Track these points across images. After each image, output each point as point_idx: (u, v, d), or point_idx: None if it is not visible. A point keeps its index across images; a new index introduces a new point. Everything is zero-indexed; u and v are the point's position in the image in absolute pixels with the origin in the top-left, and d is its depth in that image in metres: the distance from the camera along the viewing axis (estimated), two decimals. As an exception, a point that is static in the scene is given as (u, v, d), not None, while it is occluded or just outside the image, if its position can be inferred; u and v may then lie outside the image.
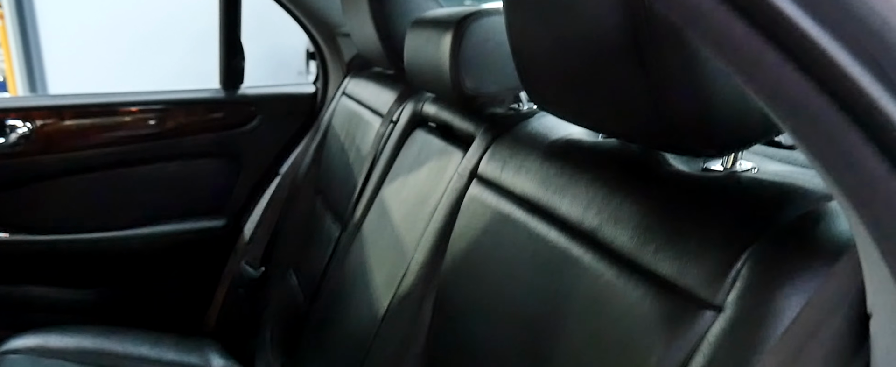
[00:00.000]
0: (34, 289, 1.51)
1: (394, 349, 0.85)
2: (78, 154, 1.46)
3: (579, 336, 0.55)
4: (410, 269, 0.86)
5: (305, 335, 1.21)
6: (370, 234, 1.07)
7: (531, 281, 0.63)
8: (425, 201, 0.91)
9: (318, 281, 1.22)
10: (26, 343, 1.31)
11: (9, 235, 1.43)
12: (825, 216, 0.43)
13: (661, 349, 0.46)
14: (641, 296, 0.50)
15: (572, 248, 0.59)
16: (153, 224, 1.54)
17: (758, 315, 0.41)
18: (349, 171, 1.27)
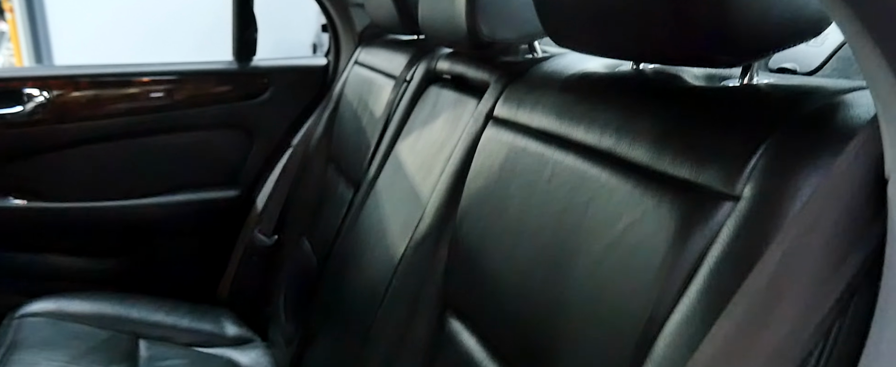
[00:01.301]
0: (50, 257, 1.53)
1: (410, 293, 0.86)
2: (93, 123, 1.48)
3: (595, 251, 0.56)
4: (426, 213, 0.87)
5: (319, 296, 1.23)
6: (384, 189, 1.08)
7: (547, 207, 0.64)
8: (441, 150, 0.92)
9: (330, 243, 1.23)
10: (45, 307, 1.33)
11: (26, 202, 1.45)
12: (841, 106, 0.44)
13: (678, 245, 0.47)
14: (657, 202, 0.51)
15: (588, 169, 0.60)
16: (167, 194, 1.56)
17: (775, 198, 0.42)
18: (362, 135, 1.29)
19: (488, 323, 0.71)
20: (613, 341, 0.50)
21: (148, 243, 1.58)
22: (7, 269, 1.50)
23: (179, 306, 1.47)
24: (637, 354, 0.47)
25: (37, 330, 1.27)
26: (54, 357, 1.20)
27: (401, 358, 0.84)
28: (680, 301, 0.45)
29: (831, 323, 0.37)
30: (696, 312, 0.43)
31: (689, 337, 0.42)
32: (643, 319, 0.48)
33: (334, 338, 1.06)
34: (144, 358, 1.31)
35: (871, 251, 0.37)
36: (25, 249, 1.50)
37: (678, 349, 0.43)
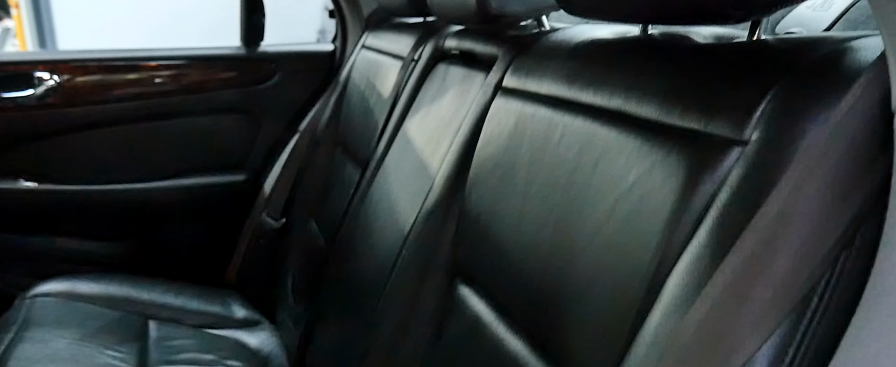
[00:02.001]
0: (60, 240, 1.55)
1: (419, 263, 0.87)
2: (103, 107, 1.50)
3: (604, 206, 0.57)
4: (435, 185, 0.88)
5: (327, 275, 1.23)
6: (393, 166, 1.09)
7: (556, 168, 0.65)
8: (449, 123, 0.93)
9: (338, 223, 1.24)
10: (56, 288, 1.35)
11: (37, 184, 1.47)
12: (848, 51, 0.45)
13: (688, 191, 0.48)
14: (666, 153, 0.52)
15: (598, 130, 0.61)
16: (175, 178, 1.57)
17: (782, 139, 0.43)
18: (370, 116, 1.30)
19: (497, 285, 0.72)
20: (623, 288, 0.51)
21: (156, 227, 1.60)
22: (17, 251, 1.51)
23: (188, 288, 1.49)
24: (647, 297, 0.48)
25: (49, 310, 1.29)
26: (66, 335, 1.22)
27: (411, 327, 0.85)
28: (690, 243, 0.46)
29: (838, 253, 0.38)
30: (705, 251, 0.44)
31: (698, 275, 0.43)
32: (653, 264, 0.48)
33: (343, 314, 1.07)
34: (154, 338, 1.32)
35: (877, 184, 0.38)
36: (35, 231, 1.52)
37: (688, 288, 0.44)
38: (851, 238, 0.38)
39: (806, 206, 0.39)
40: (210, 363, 1.28)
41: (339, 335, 1.05)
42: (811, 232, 0.39)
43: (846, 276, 0.38)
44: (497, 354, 0.68)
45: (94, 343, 1.22)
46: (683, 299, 0.44)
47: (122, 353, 1.23)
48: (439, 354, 0.79)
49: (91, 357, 1.18)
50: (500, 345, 0.68)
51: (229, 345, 1.37)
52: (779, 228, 0.39)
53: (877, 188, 0.38)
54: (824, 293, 0.38)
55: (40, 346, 1.16)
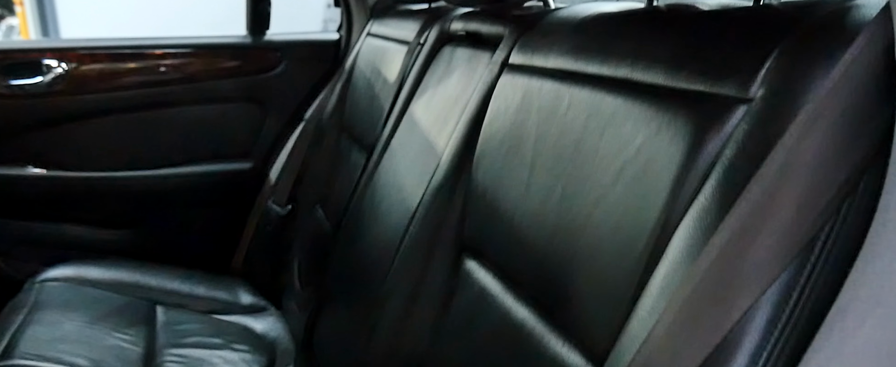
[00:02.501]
0: (67, 227, 1.56)
1: (426, 241, 0.88)
2: (110, 95, 1.51)
3: (611, 171, 0.57)
4: (442, 163, 0.89)
5: (333, 258, 1.24)
6: (399, 148, 1.10)
7: (563, 138, 0.66)
8: (455, 103, 0.94)
9: (344, 207, 1.25)
10: (64, 273, 1.36)
11: (45, 171, 1.48)
12: (852, 8, 0.46)
13: (694, 151, 0.49)
14: (672, 116, 0.52)
15: (604, 98, 0.62)
16: (182, 165, 1.58)
17: (787, 94, 0.44)
18: (375, 101, 1.30)
19: (504, 258, 0.73)
20: (629, 248, 0.52)
21: (163, 215, 1.61)
22: (26, 237, 1.53)
23: (195, 275, 1.50)
24: (653, 254, 0.49)
25: (58, 294, 1.30)
26: (75, 318, 1.23)
27: (418, 302, 0.86)
28: (696, 199, 0.47)
29: (841, 201, 0.39)
30: (711, 205, 0.45)
31: (704, 228, 0.44)
32: (659, 223, 0.49)
33: (350, 294, 1.08)
34: (162, 322, 1.34)
35: (880, 133, 0.39)
36: (44, 218, 1.53)
37: (693, 241, 0.45)
38: (855, 186, 0.39)
39: (809, 156, 0.40)
40: (217, 347, 1.29)
41: (346, 315, 1.06)
42: (815, 181, 0.39)
43: (849, 223, 0.38)
44: (504, 323, 0.69)
45: (102, 326, 1.23)
46: (689, 252, 0.45)
47: (131, 336, 1.24)
48: (447, 327, 0.80)
49: (100, 339, 1.19)
50: (507, 314, 0.69)
51: (236, 330, 1.38)
52: (783, 178, 0.40)
53: (880, 137, 0.39)
54: (827, 240, 0.38)
55: (50, 328, 1.17)
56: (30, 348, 1.09)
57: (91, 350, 1.14)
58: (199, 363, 1.23)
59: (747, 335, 0.38)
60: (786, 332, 0.38)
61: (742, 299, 0.39)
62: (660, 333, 0.43)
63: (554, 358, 0.60)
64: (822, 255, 0.38)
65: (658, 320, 0.44)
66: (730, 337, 0.39)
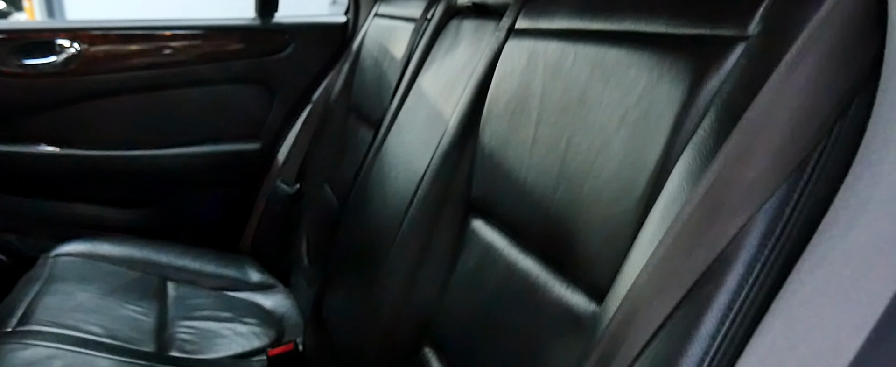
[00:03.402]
0: (79, 206, 1.59)
1: (434, 203, 0.90)
2: (121, 76, 1.54)
3: (614, 117, 0.59)
4: (449, 128, 0.91)
5: (340, 231, 1.26)
6: (406, 119, 1.12)
7: (567, 92, 0.68)
8: (462, 71, 0.96)
9: (352, 181, 1.27)
10: (77, 249, 1.39)
11: (58, 149, 1.51)
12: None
13: (694, 90, 0.51)
14: (674, 60, 0.54)
15: (608, 51, 0.64)
16: (192, 145, 1.61)
17: (783, 27, 0.45)
18: (383, 78, 1.33)
19: (510, 213, 0.75)
20: (630, 186, 0.54)
21: (173, 194, 1.63)
22: (39, 216, 1.55)
23: (204, 253, 1.53)
24: (654, 189, 0.51)
25: (72, 268, 1.33)
26: (89, 290, 1.26)
27: (426, 264, 0.88)
28: (695, 133, 0.49)
29: (834, 122, 0.41)
30: (709, 135, 0.47)
31: (702, 158, 0.46)
32: (660, 160, 0.51)
33: (358, 263, 1.10)
34: (173, 297, 1.36)
35: (871, 57, 0.41)
36: (56, 197, 1.56)
37: (692, 170, 0.47)
38: (845, 110, 0.41)
39: (802, 82, 0.42)
40: (227, 320, 1.32)
41: (354, 283, 1.08)
42: (808, 104, 0.41)
43: (840, 143, 0.40)
44: (510, 275, 0.71)
45: (115, 298, 1.26)
46: (689, 180, 0.47)
47: (143, 308, 1.26)
48: (455, 285, 0.82)
49: (113, 310, 1.22)
50: (513, 266, 0.71)
51: (245, 306, 1.40)
52: (777, 103, 0.42)
53: (869, 64, 0.41)
54: (820, 159, 0.40)
55: (65, 298, 1.20)
56: (46, 316, 1.12)
57: (105, 320, 1.17)
58: (210, 335, 1.26)
59: (743, 248, 0.40)
60: (779, 244, 0.40)
61: (738, 217, 0.41)
62: (659, 256, 0.45)
63: (558, 301, 0.62)
64: (815, 173, 0.40)
65: (658, 245, 0.46)
66: (726, 251, 0.41)
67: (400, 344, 0.87)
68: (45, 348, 1.01)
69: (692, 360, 0.39)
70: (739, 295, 0.39)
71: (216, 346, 1.23)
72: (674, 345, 0.41)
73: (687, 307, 0.41)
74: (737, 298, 0.39)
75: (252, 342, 1.26)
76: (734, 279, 0.40)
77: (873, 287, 0.32)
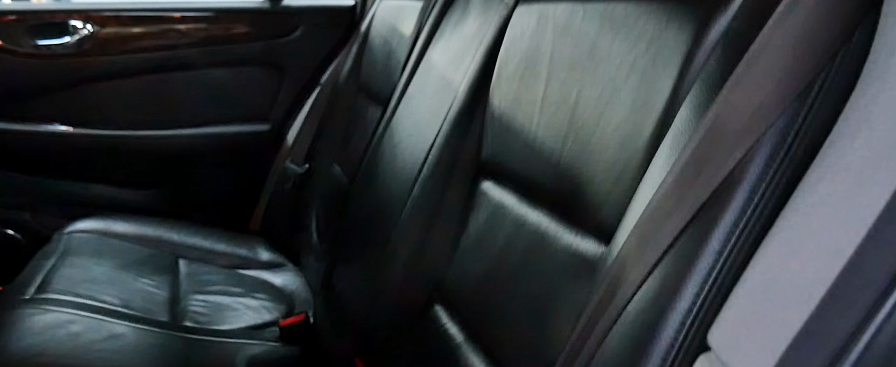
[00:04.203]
0: (91, 186, 1.62)
1: (444, 168, 0.92)
2: (134, 56, 1.56)
3: (621, 71, 0.61)
4: (458, 95, 0.93)
5: (349, 207, 1.28)
6: (416, 92, 1.14)
7: (576, 49, 0.69)
8: (472, 40, 0.98)
9: (360, 158, 1.29)
10: (91, 226, 1.41)
11: (72, 128, 1.53)
12: None
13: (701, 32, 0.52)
14: (680, 5, 0.56)
15: (616, 6, 0.65)
16: (203, 126, 1.63)
17: None
18: (391, 56, 1.34)
19: (520, 171, 0.76)
20: (638, 128, 0.56)
21: (183, 174, 1.66)
22: (53, 195, 1.58)
23: (215, 232, 1.55)
24: (661, 127, 0.53)
25: (86, 243, 1.35)
26: (103, 264, 1.28)
27: (436, 227, 0.89)
28: (703, 70, 0.50)
29: (837, 49, 0.42)
30: (715, 70, 0.48)
31: (709, 89, 0.48)
32: (668, 100, 0.53)
33: (368, 234, 1.11)
34: (184, 273, 1.38)
35: None
36: (69, 176, 1.58)
37: (700, 102, 0.48)
38: (849, 35, 0.42)
39: (808, 9, 0.43)
40: (238, 295, 1.34)
41: (365, 252, 1.09)
42: (811, 31, 0.43)
43: (844, 69, 0.42)
44: (519, 230, 0.73)
45: (129, 272, 1.28)
46: (696, 113, 0.48)
47: (156, 282, 1.28)
48: (464, 245, 0.84)
49: (127, 283, 1.24)
50: (523, 221, 0.73)
51: (256, 282, 1.42)
52: (782, 32, 0.44)
53: None
54: (824, 84, 0.42)
55: (81, 271, 1.22)
56: (62, 285, 1.14)
57: (120, 291, 1.19)
58: (222, 309, 1.28)
59: (748, 170, 0.42)
60: (783, 166, 0.41)
61: (744, 142, 0.42)
62: (666, 186, 0.47)
63: (567, 248, 0.64)
64: (818, 98, 0.42)
65: (665, 176, 0.48)
66: (732, 174, 0.42)
67: (411, 305, 0.88)
68: (64, 313, 1.03)
69: (699, 276, 0.41)
70: (745, 213, 0.41)
71: (228, 318, 1.25)
72: (682, 263, 0.42)
73: (694, 228, 0.43)
74: (743, 216, 0.41)
75: (263, 316, 1.28)
76: (740, 199, 0.41)
77: (872, 191, 0.34)
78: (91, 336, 1.00)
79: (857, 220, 0.34)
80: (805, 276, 0.35)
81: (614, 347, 0.44)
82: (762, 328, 0.36)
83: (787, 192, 0.40)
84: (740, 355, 0.36)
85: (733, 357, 0.37)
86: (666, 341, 0.41)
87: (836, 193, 0.37)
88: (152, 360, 1.02)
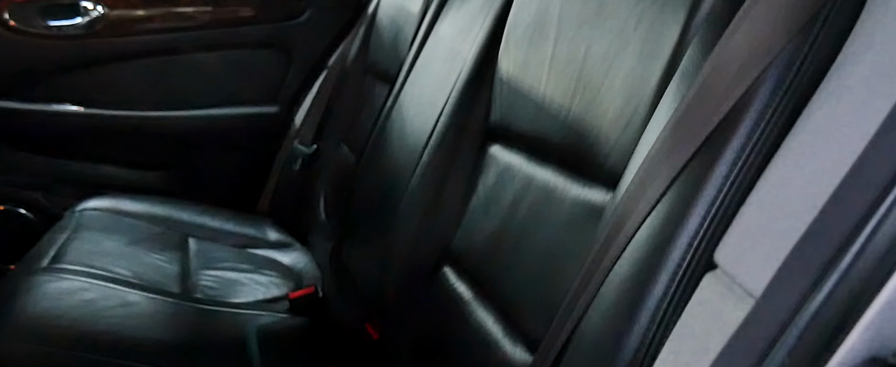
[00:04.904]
0: (103, 167, 1.63)
1: (452, 136, 0.93)
2: (143, 38, 1.58)
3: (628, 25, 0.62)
4: (467, 62, 0.94)
5: (357, 183, 1.29)
6: (424, 66, 1.15)
7: (584, 7, 0.71)
8: (480, 10, 0.99)
9: (368, 134, 1.30)
10: (102, 204, 1.42)
11: (83, 108, 1.55)
12: None
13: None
14: None
15: None
16: (211, 108, 1.65)
17: None
18: (400, 34, 1.35)
19: (528, 131, 0.78)
20: (647, 73, 0.57)
21: (191, 156, 1.67)
22: (63, 174, 1.60)
23: (223, 212, 1.56)
24: (669, 71, 0.54)
25: (97, 220, 1.36)
26: (114, 239, 1.29)
27: (445, 192, 0.91)
28: (710, 12, 0.51)
29: None
30: (722, 9, 0.50)
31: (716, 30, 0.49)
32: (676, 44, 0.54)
33: (376, 206, 1.12)
34: (194, 251, 1.40)
35: None
36: (79, 156, 1.60)
37: (707, 42, 0.50)
38: None
39: None
40: (247, 271, 1.35)
41: (374, 222, 1.10)
42: None
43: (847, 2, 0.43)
44: (528, 187, 0.74)
45: (139, 248, 1.30)
46: (702, 53, 0.49)
47: (166, 257, 1.30)
48: (473, 207, 0.85)
49: (139, 257, 1.25)
50: (531, 179, 0.74)
51: (264, 260, 1.44)
52: None
53: None
54: (828, 15, 0.43)
55: (93, 244, 1.24)
56: (75, 257, 1.15)
57: (131, 264, 1.20)
58: (232, 284, 1.29)
59: (754, 101, 0.43)
60: (789, 93, 0.42)
61: (749, 74, 0.44)
62: (673, 122, 0.48)
63: (574, 200, 0.65)
64: (823, 28, 0.43)
65: (672, 115, 0.49)
66: (737, 106, 0.43)
67: (419, 269, 0.90)
68: (78, 281, 1.05)
69: (707, 199, 0.42)
70: (751, 138, 0.42)
71: (238, 292, 1.26)
72: (689, 189, 0.43)
73: (700, 157, 0.44)
74: (748, 142, 0.42)
75: (272, 292, 1.30)
76: (746, 126, 0.42)
77: (876, 104, 0.35)
78: (105, 303, 1.02)
79: (860, 131, 0.35)
80: (808, 187, 0.37)
81: (623, 272, 0.45)
82: (766, 238, 0.37)
83: (793, 117, 0.42)
84: (745, 265, 0.38)
85: (739, 269, 0.38)
86: (673, 262, 0.42)
87: (841, 110, 0.38)
88: (165, 327, 1.04)
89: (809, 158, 0.38)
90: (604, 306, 0.46)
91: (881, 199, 0.31)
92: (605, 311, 0.45)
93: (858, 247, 0.31)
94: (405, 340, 0.87)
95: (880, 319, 0.31)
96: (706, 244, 0.42)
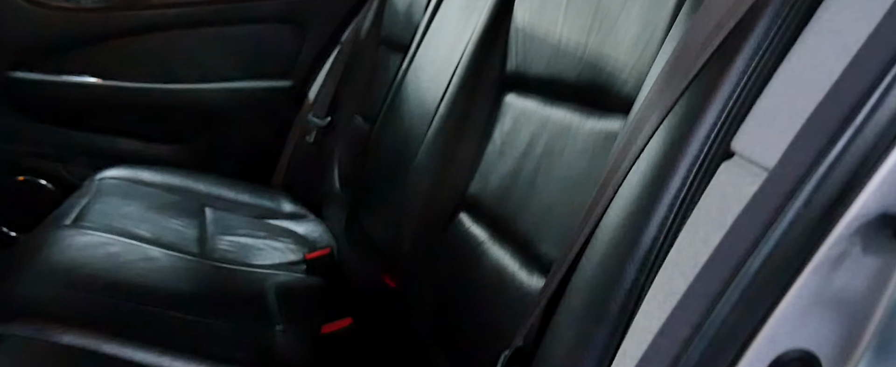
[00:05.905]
0: (120, 140, 1.66)
1: (468, 88, 0.95)
2: (161, 11, 1.60)
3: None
4: (482, 17, 0.96)
5: (372, 147, 1.31)
6: (438, 28, 1.16)
7: None
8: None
9: (382, 102, 1.32)
10: (121, 173, 1.45)
11: (101, 80, 1.58)
12: None
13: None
14: None
15: None
16: (226, 81, 1.67)
17: None
18: (414, 4, 1.37)
19: (545, 74, 0.79)
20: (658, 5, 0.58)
21: (207, 129, 1.70)
22: (83, 147, 1.63)
23: (239, 184, 1.59)
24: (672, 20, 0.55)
25: (116, 188, 1.39)
26: (134, 204, 1.32)
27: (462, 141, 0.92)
28: None
29: None
30: None
31: None
32: None
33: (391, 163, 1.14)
34: (211, 219, 1.42)
35: None
36: (97, 128, 1.63)
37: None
38: None
39: None
40: (263, 238, 1.37)
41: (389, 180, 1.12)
42: None
43: None
44: (544, 127, 0.75)
45: (159, 215, 1.32)
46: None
47: (185, 223, 1.32)
48: (489, 154, 0.86)
49: (158, 221, 1.28)
50: (547, 120, 0.75)
51: (280, 230, 1.46)
52: None
53: None
54: None
55: (114, 208, 1.26)
56: (97, 218, 1.18)
57: (151, 226, 1.23)
58: (248, 249, 1.31)
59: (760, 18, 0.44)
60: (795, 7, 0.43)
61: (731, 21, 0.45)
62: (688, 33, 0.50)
63: (590, 131, 0.66)
64: None
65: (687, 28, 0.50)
66: (753, 7, 0.45)
67: (436, 218, 0.91)
68: (102, 236, 1.07)
69: (724, 94, 0.44)
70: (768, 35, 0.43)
71: (256, 256, 1.28)
72: (707, 86, 0.45)
73: (717, 58, 0.45)
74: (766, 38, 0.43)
75: (288, 257, 1.32)
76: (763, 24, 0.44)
77: (864, 27, 0.36)
78: (128, 257, 1.04)
79: (865, 22, 0.36)
80: (816, 75, 0.38)
81: (641, 171, 0.47)
82: (778, 122, 0.38)
83: (810, 12, 0.43)
84: (759, 147, 0.39)
85: (754, 152, 0.40)
86: (692, 154, 0.43)
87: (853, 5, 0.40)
88: (186, 281, 1.06)
89: (820, 50, 0.39)
90: (623, 202, 0.47)
91: (876, 84, 0.32)
92: (624, 208, 0.47)
93: (872, 104, 0.32)
94: (424, 285, 0.89)
95: (893, 177, 0.33)
96: (724, 135, 0.43)
